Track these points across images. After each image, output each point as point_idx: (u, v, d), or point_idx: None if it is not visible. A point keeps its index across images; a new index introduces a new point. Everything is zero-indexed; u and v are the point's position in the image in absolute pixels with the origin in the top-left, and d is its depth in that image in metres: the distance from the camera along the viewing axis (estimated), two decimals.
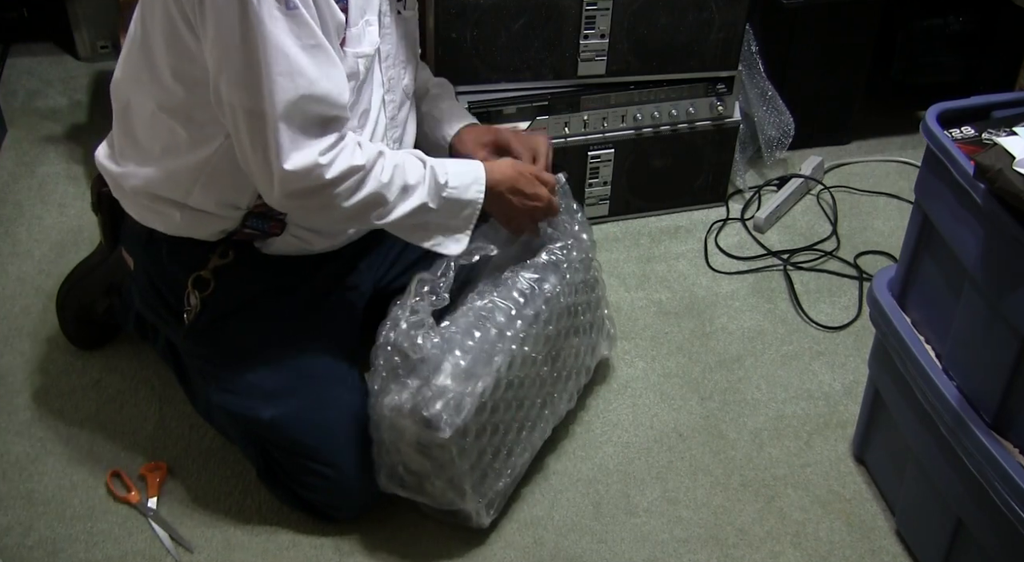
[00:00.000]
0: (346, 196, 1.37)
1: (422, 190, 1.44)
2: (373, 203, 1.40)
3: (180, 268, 1.51)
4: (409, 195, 1.43)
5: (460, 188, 1.47)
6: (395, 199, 1.42)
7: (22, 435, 1.74)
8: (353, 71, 1.40)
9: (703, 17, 2.00)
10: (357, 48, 1.40)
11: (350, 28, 1.38)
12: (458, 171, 1.48)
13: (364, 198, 1.39)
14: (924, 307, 1.47)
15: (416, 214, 1.45)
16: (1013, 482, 1.24)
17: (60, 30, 2.65)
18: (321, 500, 1.58)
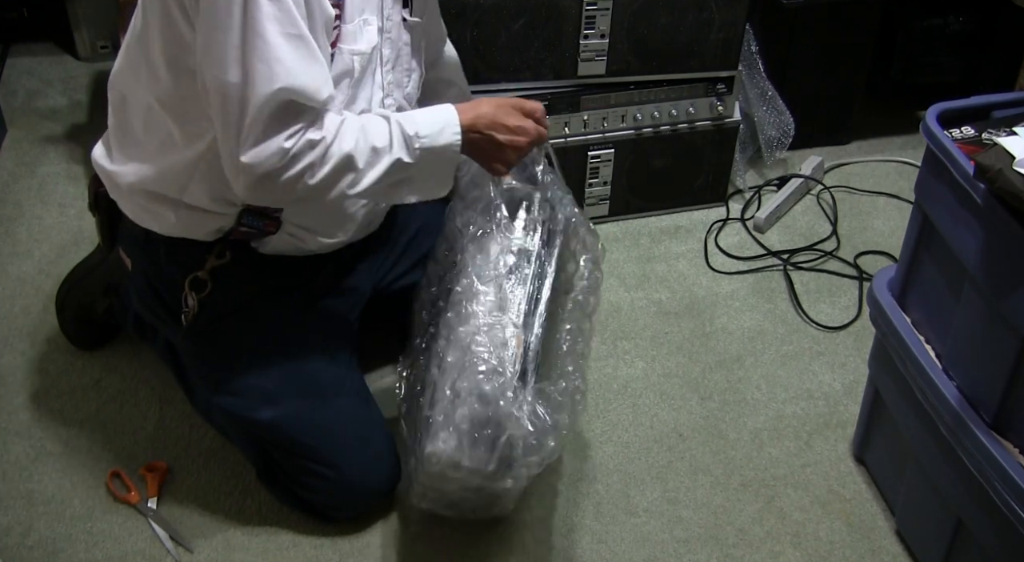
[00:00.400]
0: (311, 172, 1.33)
1: (394, 148, 1.38)
2: (342, 171, 1.35)
3: (177, 269, 1.51)
4: (380, 156, 1.38)
5: (432, 135, 1.40)
6: (365, 164, 1.37)
7: (22, 435, 1.74)
8: (347, 68, 1.40)
9: (703, 17, 2.00)
10: (353, 45, 1.39)
11: (346, 24, 1.37)
12: (428, 119, 1.42)
13: (332, 170, 1.34)
14: (924, 307, 1.47)
15: (393, 172, 1.40)
16: (1013, 482, 1.24)
17: (60, 30, 2.65)
18: (321, 501, 1.58)
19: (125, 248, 1.61)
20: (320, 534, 1.59)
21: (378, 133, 1.38)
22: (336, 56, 1.37)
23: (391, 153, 1.38)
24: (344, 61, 1.39)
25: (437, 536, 1.59)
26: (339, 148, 1.34)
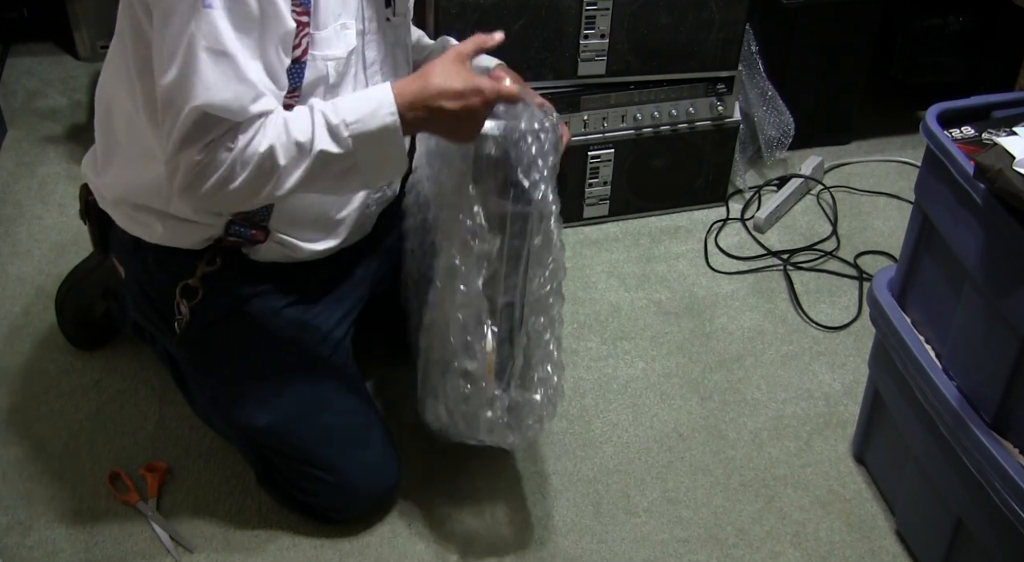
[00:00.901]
0: (230, 178, 1.29)
1: (316, 140, 1.31)
2: (264, 172, 1.30)
3: (168, 277, 1.50)
4: (305, 150, 1.31)
5: (363, 120, 1.32)
6: (288, 161, 1.30)
7: (22, 435, 1.74)
8: (322, 74, 1.38)
9: (703, 17, 2.00)
10: (326, 51, 1.37)
11: (319, 31, 1.35)
12: (355, 104, 1.33)
13: (252, 172, 1.29)
14: (924, 307, 1.47)
15: (325, 165, 1.33)
16: (1013, 482, 1.24)
17: (60, 30, 2.64)
18: (321, 504, 1.57)
19: (117, 256, 1.60)
20: (320, 534, 1.59)
21: (300, 126, 1.31)
22: (309, 63, 1.35)
23: (315, 146, 1.31)
24: (317, 68, 1.37)
25: (437, 536, 1.59)
26: (256, 149, 1.29)
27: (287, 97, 1.36)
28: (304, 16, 1.32)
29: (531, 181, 1.41)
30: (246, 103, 1.27)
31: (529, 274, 1.44)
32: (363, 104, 1.33)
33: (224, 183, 1.29)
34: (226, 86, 1.25)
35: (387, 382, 1.81)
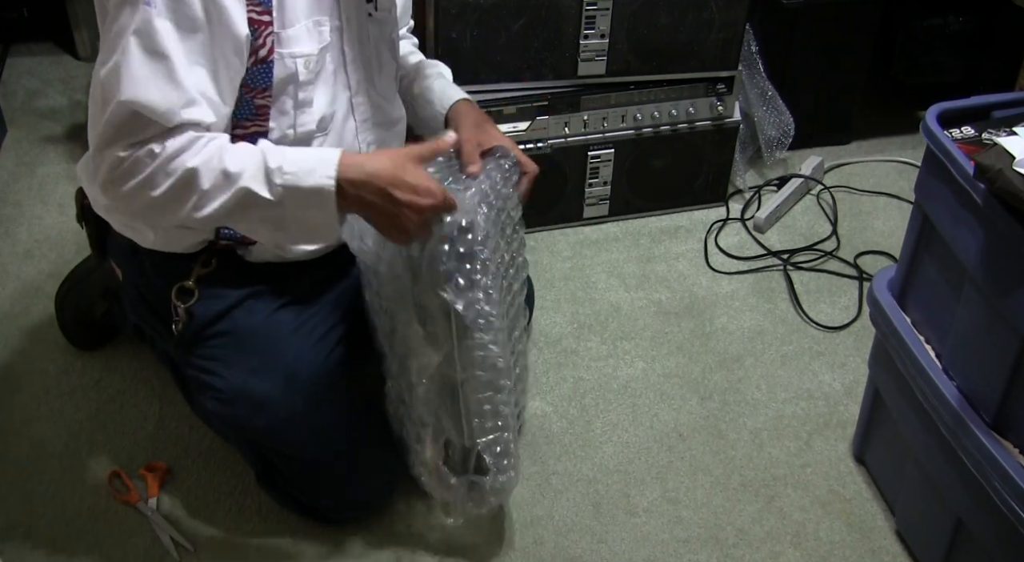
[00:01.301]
0: (151, 184, 1.27)
1: (245, 176, 1.28)
2: (185, 188, 1.27)
3: (164, 279, 1.50)
4: (231, 182, 1.28)
5: (299, 173, 1.28)
6: (212, 187, 1.28)
7: (22, 435, 1.74)
8: (290, 72, 1.37)
9: (703, 17, 2.00)
10: (293, 49, 1.36)
11: (285, 30, 1.35)
12: (299, 156, 1.30)
13: (173, 184, 1.27)
14: (924, 307, 1.47)
15: (250, 206, 1.30)
16: (1013, 482, 1.24)
17: (60, 30, 2.65)
18: (320, 505, 1.57)
19: (115, 259, 1.61)
20: (320, 534, 1.59)
21: (236, 158, 1.29)
22: (276, 61, 1.35)
23: (242, 180, 1.28)
24: (286, 65, 1.36)
25: (436, 537, 1.59)
26: (182, 163, 1.27)
27: (259, 96, 1.36)
28: (266, 15, 1.32)
29: (469, 279, 1.35)
30: (175, 107, 1.26)
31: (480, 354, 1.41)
32: (306, 159, 1.31)
33: (145, 188, 1.28)
34: (155, 86, 1.25)
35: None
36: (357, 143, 1.51)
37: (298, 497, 1.58)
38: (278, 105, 1.39)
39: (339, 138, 1.48)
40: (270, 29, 1.33)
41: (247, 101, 1.36)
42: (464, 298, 1.34)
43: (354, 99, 1.49)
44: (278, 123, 1.40)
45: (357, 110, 1.50)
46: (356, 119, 1.50)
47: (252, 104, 1.37)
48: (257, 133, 1.39)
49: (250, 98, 1.36)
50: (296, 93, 1.39)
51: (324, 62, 1.41)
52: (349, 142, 1.50)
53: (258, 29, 1.32)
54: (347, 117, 1.48)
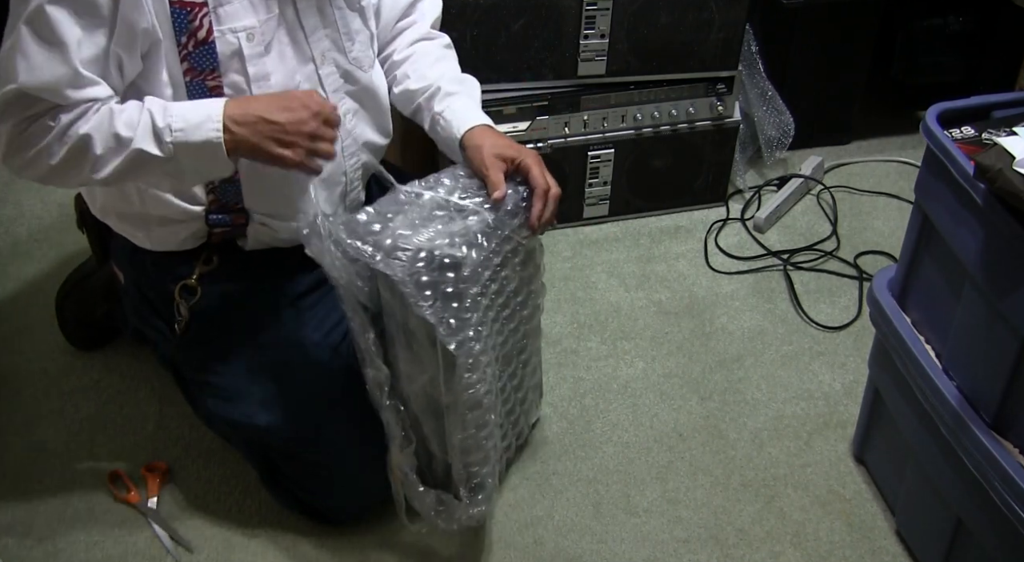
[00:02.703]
0: (48, 154, 1.31)
1: (137, 138, 1.30)
2: (80, 154, 1.31)
3: (167, 278, 1.51)
4: (123, 145, 1.31)
5: (188, 130, 1.31)
6: (105, 151, 1.31)
7: (22, 435, 1.74)
8: (234, 49, 1.36)
9: (703, 17, 2.00)
10: (233, 23, 1.35)
11: (222, 6, 1.34)
12: (186, 112, 1.32)
13: (68, 152, 1.30)
14: (924, 307, 1.47)
15: (145, 164, 1.32)
16: (1013, 482, 1.24)
17: None
18: (322, 503, 1.57)
19: (116, 262, 1.61)
20: (320, 534, 1.59)
21: (126, 121, 1.31)
22: (217, 39, 1.35)
23: (134, 143, 1.31)
24: (228, 42, 1.36)
25: (436, 537, 1.59)
26: (76, 131, 1.30)
27: (209, 77, 1.36)
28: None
29: (459, 318, 1.34)
30: (66, 89, 1.28)
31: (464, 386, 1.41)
32: (193, 113, 1.33)
33: (42, 157, 1.31)
34: (48, 70, 1.27)
35: None
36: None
37: (300, 496, 1.58)
38: (230, 84, 1.38)
39: None
40: (204, 10, 1.33)
41: (199, 84, 1.36)
42: (455, 338, 1.33)
43: (320, 70, 1.46)
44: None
45: (326, 81, 1.47)
46: (325, 90, 1.48)
47: (205, 86, 1.37)
48: None
49: (201, 81, 1.36)
50: (245, 68, 1.38)
51: (273, 33, 1.40)
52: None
53: (191, 11, 1.32)
54: (315, 88, 1.46)
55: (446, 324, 1.32)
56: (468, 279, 1.33)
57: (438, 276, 1.31)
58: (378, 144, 1.59)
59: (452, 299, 1.32)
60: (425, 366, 1.41)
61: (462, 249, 1.33)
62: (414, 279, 1.30)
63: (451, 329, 1.32)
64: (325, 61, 1.47)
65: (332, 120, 1.37)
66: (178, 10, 1.31)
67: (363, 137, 1.55)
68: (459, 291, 1.32)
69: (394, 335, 1.42)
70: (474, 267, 1.34)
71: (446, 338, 1.32)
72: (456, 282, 1.32)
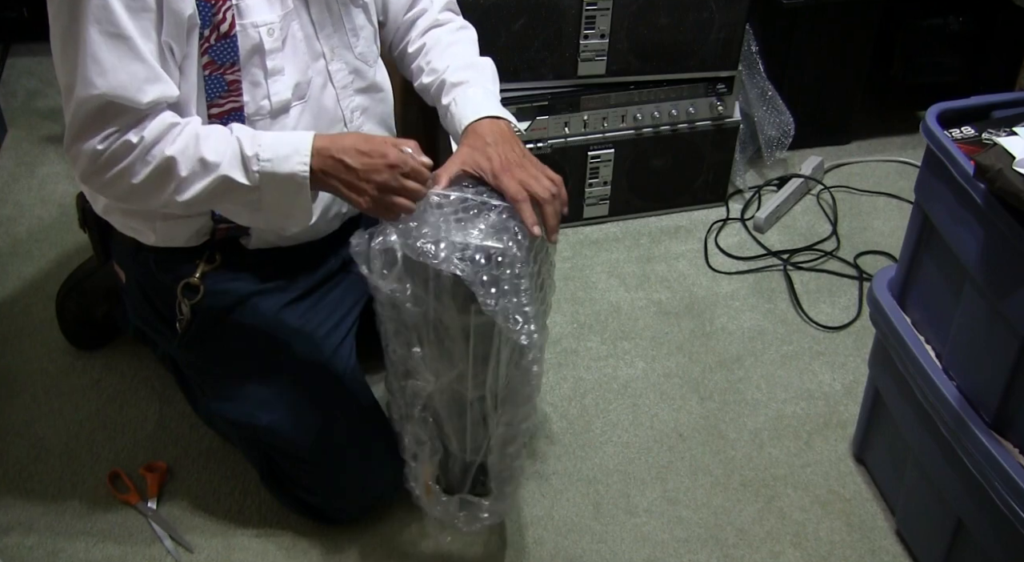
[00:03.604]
0: (131, 173, 1.31)
1: (224, 164, 1.31)
2: (164, 175, 1.31)
3: (170, 277, 1.51)
4: (208, 169, 1.31)
5: (276, 160, 1.32)
6: (190, 174, 1.31)
7: (22, 435, 1.74)
8: (255, 43, 1.36)
9: (703, 17, 2.00)
10: (255, 18, 1.36)
11: (244, 1, 1.34)
12: (274, 142, 1.33)
13: (152, 172, 1.31)
14: (924, 307, 1.47)
15: (228, 191, 1.33)
16: (1013, 482, 1.24)
17: None
18: (323, 504, 1.57)
19: (118, 261, 1.61)
20: (320, 534, 1.59)
21: (212, 146, 1.32)
22: (239, 34, 1.35)
23: (220, 169, 1.32)
24: (249, 36, 1.36)
25: (437, 536, 1.59)
26: (161, 151, 1.31)
27: (228, 71, 1.36)
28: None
29: (521, 313, 1.32)
30: (143, 85, 1.28)
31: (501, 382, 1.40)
32: (281, 145, 1.33)
33: (125, 176, 1.31)
34: (123, 69, 1.26)
35: None
36: (340, 109, 1.50)
37: (301, 496, 1.58)
38: (249, 77, 1.38)
39: (319, 106, 1.47)
40: (229, 3, 1.33)
41: (218, 78, 1.36)
42: (523, 332, 1.32)
43: (330, 66, 1.47)
44: (252, 96, 1.40)
45: (336, 77, 1.49)
46: (335, 86, 1.49)
47: (223, 81, 1.37)
48: (233, 109, 1.39)
49: (220, 75, 1.36)
50: (264, 62, 1.38)
51: (290, 29, 1.41)
52: (331, 109, 1.49)
53: (216, 4, 1.32)
54: (326, 84, 1.48)
55: (513, 320, 1.31)
56: (521, 273, 1.33)
57: (498, 272, 1.31)
58: None
59: (512, 294, 1.32)
60: (455, 362, 1.40)
61: (510, 244, 1.33)
62: (479, 277, 1.30)
63: (518, 324, 1.32)
64: (335, 57, 1.48)
65: (414, 173, 1.34)
66: (203, 3, 1.32)
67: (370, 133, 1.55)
68: (516, 285, 1.32)
69: (422, 336, 1.41)
70: (524, 260, 1.34)
71: (516, 334, 1.31)
72: (512, 278, 1.32)
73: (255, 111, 1.40)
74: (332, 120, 1.49)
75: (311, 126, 1.45)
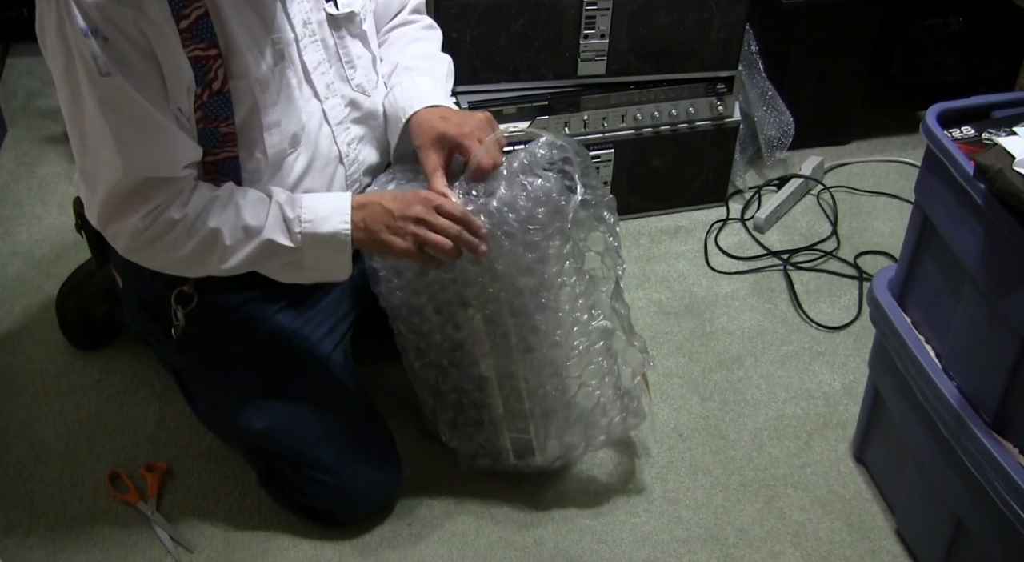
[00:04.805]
0: (175, 246, 1.34)
1: (267, 228, 1.35)
2: (209, 247, 1.35)
3: (163, 284, 1.49)
4: (252, 236, 1.35)
5: (316, 221, 1.36)
6: (234, 242, 1.35)
7: (22, 435, 1.74)
8: (248, 100, 1.35)
9: (703, 17, 2.00)
10: (245, 76, 1.33)
11: (234, 59, 1.32)
12: (314, 203, 1.38)
13: (197, 245, 1.34)
14: (924, 307, 1.47)
15: (270, 253, 1.37)
16: (1013, 482, 1.24)
17: None
18: (323, 506, 1.57)
19: (115, 265, 1.61)
20: (320, 534, 1.59)
21: (254, 212, 1.36)
22: (232, 91, 1.33)
23: (263, 233, 1.35)
24: (241, 93, 1.34)
25: (436, 537, 1.59)
26: (204, 224, 1.33)
27: (222, 125, 1.35)
28: (212, 49, 1.30)
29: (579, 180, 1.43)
30: (174, 153, 1.30)
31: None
32: (321, 206, 1.37)
33: (169, 250, 1.35)
34: (152, 144, 1.28)
35: (387, 384, 1.81)
36: (336, 146, 1.48)
37: (301, 499, 1.58)
38: (244, 133, 1.37)
39: (315, 148, 1.45)
40: (218, 62, 1.31)
41: (212, 131, 1.35)
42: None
43: (325, 105, 1.45)
44: (248, 150, 1.39)
45: (331, 114, 1.46)
46: (331, 124, 1.46)
47: (218, 133, 1.36)
48: (228, 157, 1.38)
49: (214, 128, 1.35)
50: (260, 119, 1.37)
51: (284, 79, 1.38)
52: (326, 149, 1.46)
53: (206, 64, 1.30)
54: (321, 124, 1.45)
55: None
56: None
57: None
58: (380, 165, 1.58)
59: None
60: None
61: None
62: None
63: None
64: (330, 93, 1.45)
65: (446, 210, 1.37)
66: (195, 64, 1.30)
67: (367, 162, 1.54)
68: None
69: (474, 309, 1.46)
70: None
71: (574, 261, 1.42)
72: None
73: (251, 163, 1.40)
74: (328, 159, 1.47)
75: (307, 168, 1.44)
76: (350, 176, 1.50)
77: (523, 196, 1.39)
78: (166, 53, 1.26)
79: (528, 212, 1.39)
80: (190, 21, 1.27)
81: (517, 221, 1.39)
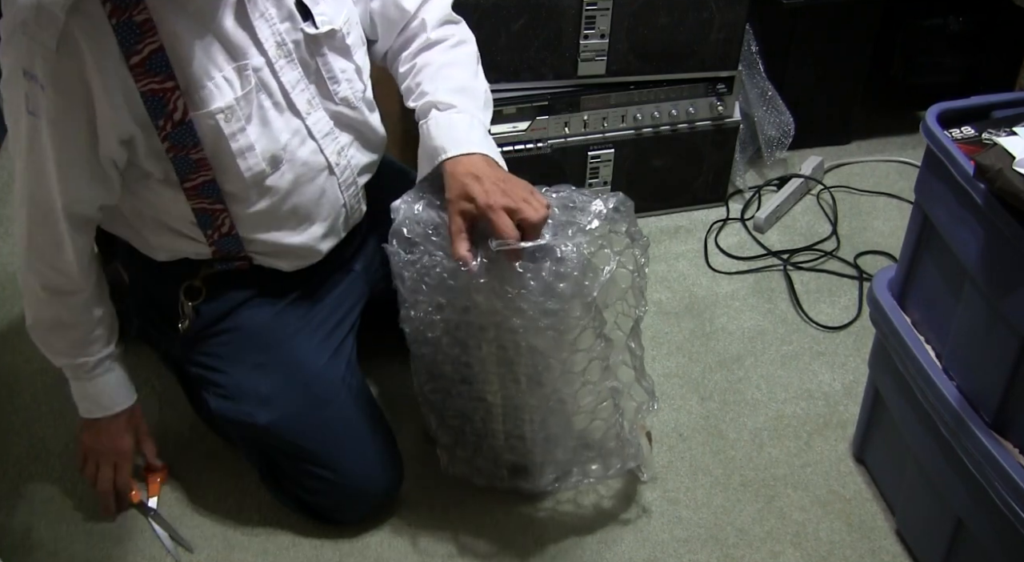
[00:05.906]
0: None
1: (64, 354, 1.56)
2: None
3: (172, 278, 1.51)
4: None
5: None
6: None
7: (22, 435, 1.74)
8: (213, 129, 1.33)
9: (703, 17, 2.00)
10: (208, 107, 1.31)
11: (195, 90, 1.31)
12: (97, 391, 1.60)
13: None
14: (924, 307, 1.47)
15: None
16: (1013, 482, 1.24)
17: None
18: (323, 503, 1.58)
19: (121, 261, 1.61)
20: (320, 534, 1.59)
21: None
22: (195, 121, 1.32)
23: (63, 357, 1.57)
24: (205, 124, 1.33)
25: (436, 537, 1.59)
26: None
27: (192, 151, 1.34)
28: (168, 81, 1.29)
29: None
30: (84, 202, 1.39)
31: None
32: (104, 395, 1.59)
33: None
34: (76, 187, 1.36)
35: (389, 382, 1.81)
36: (323, 157, 1.46)
37: (301, 496, 1.58)
38: (216, 159, 1.36)
39: (299, 163, 1.44)
40: (177, 93, 1.30)
41: (183, 158, 1.35)
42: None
43: (308, 121, 1.43)
44: (223, 174, 1.38)
45: (315, 128, 1.44)
46: (316, 138, 1.45)
47: (190, 159, 1.35)
48: (206, 182, 1.38)
49: (185, 155, 1.35)
50: (228, 146, 1.35)
51: (254, 104, 1.36)
52: (313, 163, 1.45)
53: (163, 97, 1.29)
54: (304, 140, 1.44)
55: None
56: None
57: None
58: (373, 162, 1.57)
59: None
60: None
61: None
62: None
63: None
64: (312, 109, 1.43)
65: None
66: (151, 97, 1.29)
67: (359, 164, 1.53)
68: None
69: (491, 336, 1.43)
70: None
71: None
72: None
73: (233, 190, 1.39)
74: (316, 170, 1.46)
75: (294, 182, 1.44)
76: (343, 183, 1.50)
77: (546, 268, 1.32)
78: (107, 100, 1.27)
79: (548, 285, 1.32)
80: (142, 57, 1.26)
81: (538, 291, 1.32)
